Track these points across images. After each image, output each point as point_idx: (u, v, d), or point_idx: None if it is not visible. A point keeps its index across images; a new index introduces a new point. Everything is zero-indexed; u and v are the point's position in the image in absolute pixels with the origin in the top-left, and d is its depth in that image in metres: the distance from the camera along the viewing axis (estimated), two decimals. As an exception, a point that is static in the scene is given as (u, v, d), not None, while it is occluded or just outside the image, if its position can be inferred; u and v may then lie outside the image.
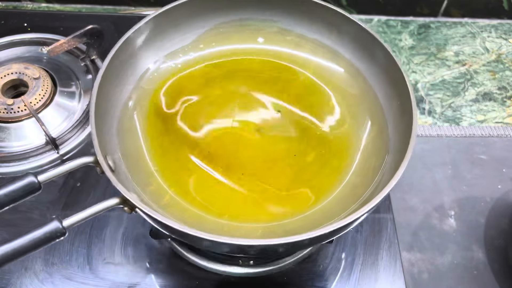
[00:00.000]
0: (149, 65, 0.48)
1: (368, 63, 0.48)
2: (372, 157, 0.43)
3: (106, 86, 0.42)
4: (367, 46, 0.47)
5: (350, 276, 0.47)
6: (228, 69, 0.50)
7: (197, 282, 0.46)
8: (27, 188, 0.34)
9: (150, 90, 0.48)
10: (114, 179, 0.34)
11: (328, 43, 0.50)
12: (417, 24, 0.75)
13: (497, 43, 0.73)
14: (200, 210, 0.42)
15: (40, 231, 0.33)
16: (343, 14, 0.47)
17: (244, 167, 0.44)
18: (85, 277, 0.46)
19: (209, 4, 0.49)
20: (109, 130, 0.42)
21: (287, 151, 0.45)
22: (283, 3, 0.49)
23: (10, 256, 0.32)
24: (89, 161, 0.36)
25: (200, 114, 0.47)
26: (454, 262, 0.53)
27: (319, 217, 0.41)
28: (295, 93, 0.49)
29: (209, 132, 0.46)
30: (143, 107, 0.47)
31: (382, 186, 0.37)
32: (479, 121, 0.65)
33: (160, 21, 0.47)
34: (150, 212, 0.33)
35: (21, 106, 0.54)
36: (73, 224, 0.34)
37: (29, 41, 0.63)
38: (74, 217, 0.34)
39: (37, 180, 0.35)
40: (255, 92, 0.49)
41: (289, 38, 0.51)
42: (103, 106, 0.41)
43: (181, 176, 0.44)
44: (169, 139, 0.46)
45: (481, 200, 0.57)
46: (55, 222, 0.33)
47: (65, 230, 0.33)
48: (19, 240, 0.32)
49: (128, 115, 0.46)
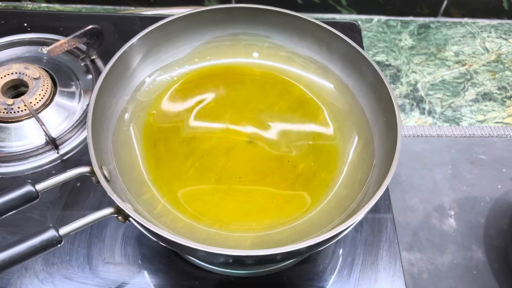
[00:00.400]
0: (145, 78, 0.50)
1: (356, 79, 0.49)
2: (358, 170, 0.45)
3: (103, 98, 0.43)
4: (356, 63, 0.48)
5: (350, 276, 0.47)
6: (221, 82, 0.52)
7: (197, 282, 0.46)
8: (25, 197, 0.35)
9: (146, 102, 0.49)
10: (110, 189, 0.35)
11: (318, 59, 0.52)
12: (417, 24, 0.75)
13: (497, 43, 0.73)
14: (192, 220, 0.43)
15: (37, 239, 0.33)
16: (332, 31, 0.48)
17: (235, 178, 0.46)
18: (85, 277, 0.46)
19: (203, 19, 0.50)
20: (105, 140, 0.44)
21: (277, 162, 0.47)
22: (275, 19, 0.51)
23: (8, 264, 0.32)
24: (86, 171, 0.38)
25: (193, 125, 0.49)
26: (454, 262, 0.53)
27: (307, 227, 0.43)
28: (286, 106, 0.51)
29: (202, 143, 0.48)
30: (139, 119, 0.48)
31: (367, 199, 0.39)
32: (479, 121, 0.65)
33: (155, 35, 0.48)
34: (144, 222, 0.34)
35: (21, 106, 0.54)
36: (69, 233, 0.35)
37: (29, 41, 0.63)
38: (70, 226, 0.35)
39: (34, 189, 0.36)
40: (247, 103, 0.51)
41: (282, 54, 0.53)
42: (100, 118, 0.43)
43: (174, 185, 0.45)
44: (163, 150, 0.47)
45: (481, 200, 0.57)
46: (52, 231, 0.34)
47: (61, 238, 0.34)
48: (16, 248, 0.33)
49: (124, 126, 0.47)
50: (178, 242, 0.34)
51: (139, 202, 0.42)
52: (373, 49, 0.71)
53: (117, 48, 0.64)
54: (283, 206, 0.45)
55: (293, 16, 0.49)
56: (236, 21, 0.51)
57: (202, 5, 0.74)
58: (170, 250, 0.48)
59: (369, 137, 0.46)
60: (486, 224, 0.55)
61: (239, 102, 0.51)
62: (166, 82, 0.51)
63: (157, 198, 0.44)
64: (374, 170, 0.43)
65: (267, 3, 0.53)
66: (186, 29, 0.50)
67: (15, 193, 0.35)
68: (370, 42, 0.72)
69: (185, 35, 0.50)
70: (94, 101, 0.41)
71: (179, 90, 0.51)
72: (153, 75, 0.50)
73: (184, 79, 0.52)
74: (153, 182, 0.45)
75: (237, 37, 0.52)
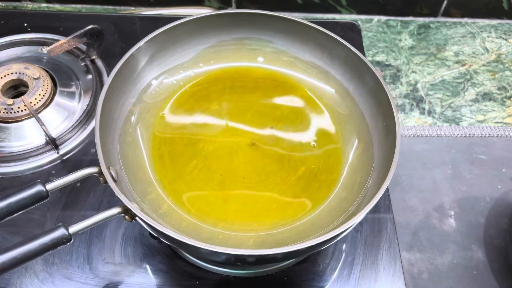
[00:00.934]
0: (152, 80, 0.50)
1: (357, 84, 0.50)
2: (358, 173, 0.46)
3: (110, 101, 0.44)
4: (356, 68, 0.49)
5: (350, 276, 0.47)
6: (226, 86, 0.53)
7: (197, 281, 0.47)
8: (36, 196, 0.37)
9: (152, 104, 0.50)
10: (117, 189, 0.36)
11: (320, 64, 0.52)
12: (417, 24, 0.75)
13: (497, 43, 0.73)
14: (196, 219, 0.44)
15: (48, 237, 0.35)
16: (334, 37, 0.49)
17: (239, 179, 0.47)
18: (85, 277, 0.46)
19: (209, 23, 0.51)
20: (111, 141, 0.44)
21: (279, 164, 0.48)
22: (278, 25, 0.51)
23: (19, 261, 0.34)
24: (94, 171, 0.39)
25: (198, 128, 0.50)
26: (453, 262, 0.53)
27: (307, 228, 0.43)
28: (289, 110, 0.52)
29: (206, 145, 0.48)
30: (145, 120, 0.49)
31: (367, 201, 0.39)
32: (479, 121, 0.65)
33: (162, 38, 0.49)
34: (151, 222, 0.35)
35: (21, 106, 0.54)
36: (78, 231, 0.36)
37: (29, 41, 0.63)
38: (79, 225, 0.36)
39: (45, 189, 0.37)
40: (251, 107, 0.52)
41: (285, 59, 0.53)
42: (107, 120, 0.43)
43: (179, 186, 0.46)
44: (169, 151, 0.48)
45: (481, 200, 0.57)
46: (62, 229, 0.35)
47: (70, 236, 0.36)
48: (28, 245, 0.34)
49: (131, 128, 0.48)
50: (184, 241, 0.34)
51: (145, 202, 0.43)
52: (373, 49, 0.72)
53: (118, 48, 0.64)
54: (285, 207, 0.45)
55: (296, 22, 0.50)
56: (240, 26, 0.52)
57: (202, 5, 0.74)
58: (171, 250, 0.48)
59: (368, 141, 0.47)
60: (486, 224, 0.55)
61: (243, 106, 0.52)
62: (172, 85, 0.52)
63: (162, 198, 0.45)
64: (373, 173, 0.44)
65: (268, 4, 0.53)
66: (191, 33, 0.51)
67: (26, 193, 0.36)
68: (370, 42, 0.72)
69: (190, 39, 0.51)
70: (102, 102, 0.41)
71: (184, 93, 0.52)
72: (160, 78, 0.51)
73: (189, 82, 0.52)
74: (159, 182, 0.46)
75: (241, 42, 0.53)
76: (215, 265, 0.47)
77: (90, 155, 0.54)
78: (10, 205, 0.36)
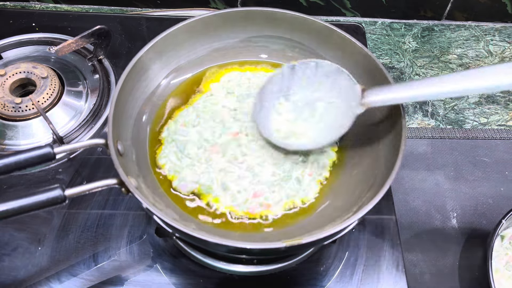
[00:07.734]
0: (161, 81, 0.51)
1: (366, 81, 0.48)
2: (357, 186, 0.45)
3: (121, 101, 0.44)
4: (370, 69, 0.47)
5: (352, 276, 0.48)
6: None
7: (201, 280, 0.47)
8: (43, 157, 0.39)
9: (161, 103, 0.51)
10: (117, 161, 0.38)
11: None
12: (421, 27, 0.75)
13: (500, 46, 0.74)
14: None
15: (44, 195, 0.37)
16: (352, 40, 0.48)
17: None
18: (91, 274, 0.47)
19: (216, 21, 0.51)
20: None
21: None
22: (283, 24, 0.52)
23: (15, 212, 0.36)
24: (101, 142, 0.40)
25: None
26: (456, 263, 0.53)
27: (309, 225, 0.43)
28: None
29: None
30: (152, 115, 0.49)
31: (366, 202, 0.39)
32: (482, 123, 0.65)
33: (171, 38, 0.49)
34: (139, 197, 0.37)
35: (29, 105, 0.55)
36: (73, 195, 0.37)
37: (37, 40, 0.64)
38: (75, 189, 0.38)
39: (52, 151, 0.39)
40: None
41: (290, 55, 0.53)
42: (118, 118, 0.44)
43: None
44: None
45: (484, 202, 0.57)
46: (58, 190, 0.37)
47: (65, 197, 0.37)
48: (25, 199, 0.36)
49: (142, 126, 0.48)
50: (170, 223, 0.36)
51: (147, 180, 0.44)
52: (377, 51, 0.72)
53: (124, 48, 0.65)
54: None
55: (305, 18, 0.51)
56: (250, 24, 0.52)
57: (207, 6, 0.74)
58: (175, 248, 0.49)
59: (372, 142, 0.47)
60: (488, 226, 0.55)
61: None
62: (179, 84, 0.52)
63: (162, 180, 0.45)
64: (377, 174, 0.44)
65: (272, 5, 0.54)
66: (201, 31, 0.51)
67: (35, 152, 0.39)
68: (374, 45, 0.73)
69: (200, 37, 0.52)
70: (115, 104, 0.42)
71: (191, 92, 0.52)
72: (169, 77, 0.51)
73: (196, 80, 0.53)
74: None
75: (248, 40, 0.53)
76: (219, 264, 0.47)
77: (97, 153, 0.55)
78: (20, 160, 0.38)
